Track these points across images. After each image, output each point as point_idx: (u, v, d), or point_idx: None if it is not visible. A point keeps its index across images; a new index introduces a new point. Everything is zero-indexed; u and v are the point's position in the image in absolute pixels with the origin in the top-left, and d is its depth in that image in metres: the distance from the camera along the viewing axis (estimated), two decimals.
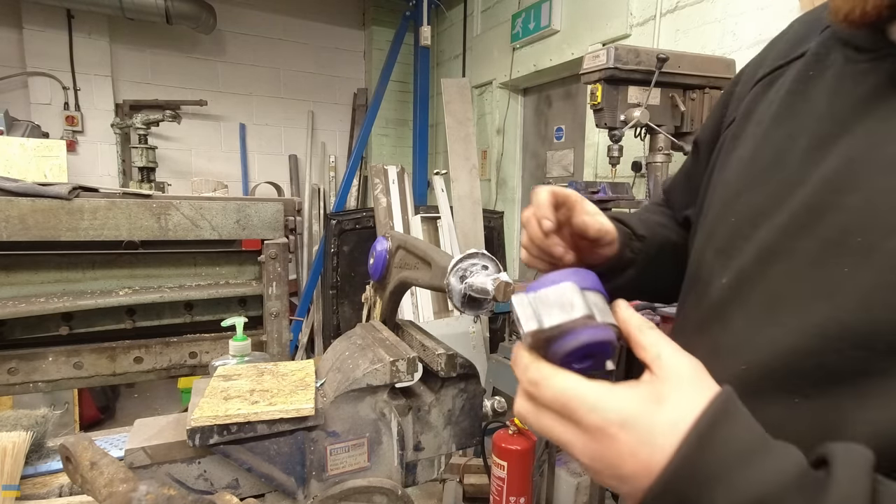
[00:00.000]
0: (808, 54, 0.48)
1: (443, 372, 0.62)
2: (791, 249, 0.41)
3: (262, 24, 4.26)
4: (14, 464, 0.73)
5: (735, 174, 0.51)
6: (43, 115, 3.54)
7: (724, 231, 0.49)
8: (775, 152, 0.46)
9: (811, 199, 0.40)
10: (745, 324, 0.37)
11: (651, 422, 0.33)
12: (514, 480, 2.02)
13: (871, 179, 0.37)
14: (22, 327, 1.20)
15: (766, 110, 0.50)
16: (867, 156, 0.38)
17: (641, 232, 0.63)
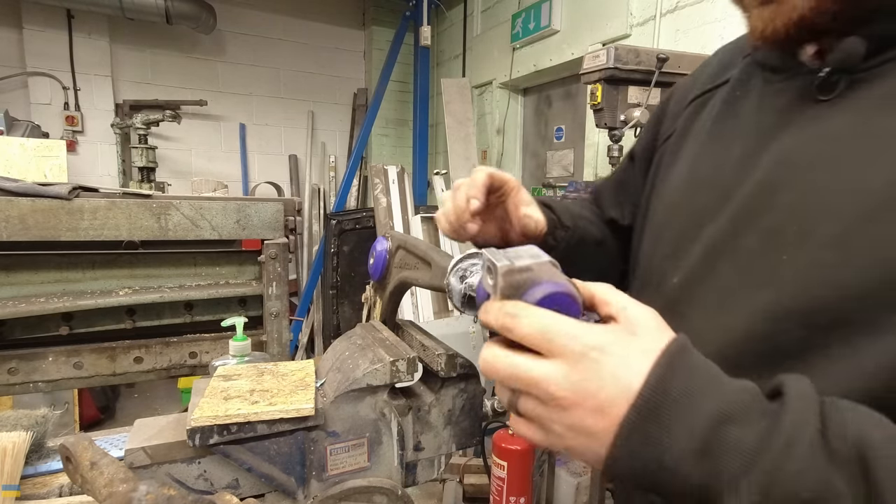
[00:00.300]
0: (733, 79, 0.56)
1: (443, 372, 0.62)
2: (735, 246, 0.46)
3: (262, 24, 4.26)
4: (14, 464, 0.73)
5: (677, 184, 0.57)
6: (43, 115, 3.54)
7: (671, 235, 0.55)
8: (713, 164, 0.53)
9: (749, 200, 0.46)
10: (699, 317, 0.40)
11: (627, 348, 0.35)
12: (514, 480, 2.02)
13: (798, 179, 0.43)
14: (22, 327, 1.20)
15: (702, 128, 0.57)
16: (792, 159, 0.44)
17: (567, 222, 0.67)
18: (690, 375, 0.34)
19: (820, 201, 0.41)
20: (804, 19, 0.42)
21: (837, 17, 0.41)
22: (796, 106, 0.46)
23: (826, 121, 0.44)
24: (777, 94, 0.48)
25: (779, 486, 0.29)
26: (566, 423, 0.35)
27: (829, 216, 0.40)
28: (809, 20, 0.42)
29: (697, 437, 0.32)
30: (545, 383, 0.35)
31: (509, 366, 0.37)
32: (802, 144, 0.44)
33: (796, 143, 0.45)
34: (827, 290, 0.39)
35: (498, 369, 0.37)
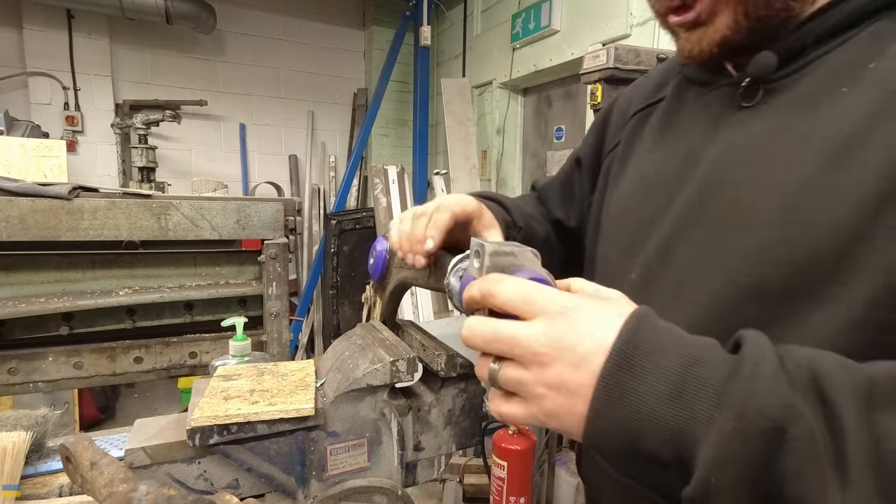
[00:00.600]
0: (668, 95, 0.63)
1: (443, 372, 0.62)
2: (686, 239, 0.52)
3: (262, 24, 4.26)
4: (14, 464, 0.73)
5: (627, 190, 0.63)
6: (43, 115, 3.54)
7: (625, 236, 0.60)
8: (659, 168, 0.59)
9: (694, 196, 0.52)
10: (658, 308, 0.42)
11: (600, 309, 0.38)
12: (514, 480, 2.02)
13: (734, 174, 0.50)
14: (22, 327, 1.20)
15: (646, 138, 0.64)
16: (728, 158, 0.51)
17: (520, 223, 0.73)
18: (657, 332, 0.37)
19: (755, 192, 0.47)
20: (725, 39, 0.50)
21: (751, 36, 0.49)
22: (725, 113, 0.53)
23: (751, 124, 0.51)
24: (708, 104, 0.56)
25: (751, 409, 0.31)
26: (547, 381, 0.37)
27: (764, 204, 0.46)
28: (729, 39, 0.50)
29: (670, 382, 0.34)
30: (526, 340, 0.37)
31: (492, 329, 0.39)
32: (734, 145, 0.51)
33: (729, 144, 0.52)
34: (771, 268, 0.44)
35: (482, 332, 0.39)
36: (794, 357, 0.34)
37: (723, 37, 0.50)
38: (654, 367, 0.35)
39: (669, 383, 0.34)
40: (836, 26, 0.47)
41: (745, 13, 0.48)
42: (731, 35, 0.50)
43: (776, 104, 0.49)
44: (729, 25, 0.49)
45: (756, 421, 0.31)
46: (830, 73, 0.47)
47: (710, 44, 0.51)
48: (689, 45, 0.52)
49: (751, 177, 0.48)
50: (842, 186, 0.42)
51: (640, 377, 0.35)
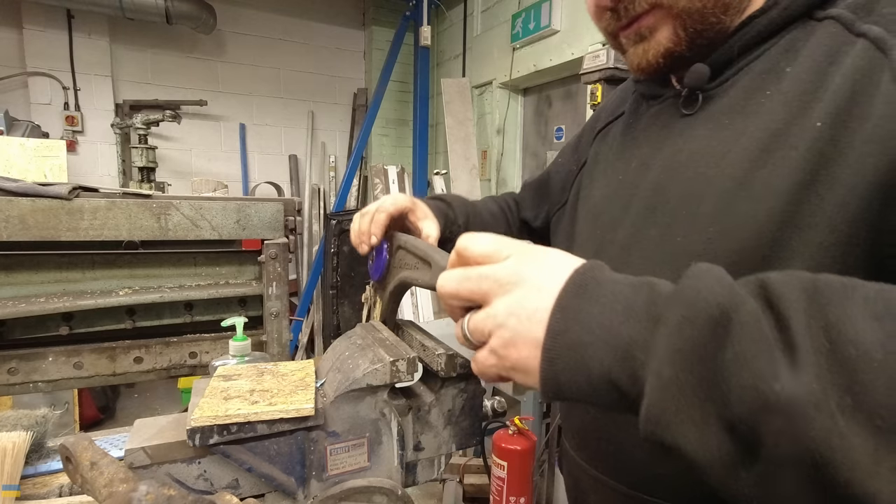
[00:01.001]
0: (627, 111, 0.70)
1: (443, 372, 0.62)
2: (641, 239, 0.57)
3: (262, 24, 4.26)
4: (14, 464, 0.73)
5: (594, 201, 0.69)
6: (43, 115, 3.53)
7: (592, 244, 0.66)
8: (619, 178, 0.65)
9: (647, 200, 0.58)
10: None
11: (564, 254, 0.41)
12: (514, 480, 2.02)
13: (679, 176, 0.55)
14: (22, 327, 1.20)
15: (608, 152, 0.71)
16: (673, 162, 0.57)
17: (461, 221, 0.83)
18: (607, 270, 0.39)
19: (698, 191, 0.52)
20: (668, 50, 0.55)
21: (692, 48, 0.54)
22: (671, 122, 0.59)
23: (692, 130, 0.56)
24: (657, 116, 0.62)
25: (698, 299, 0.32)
26: (509, 306, 0.38)
27: (706, 200, 0.51)
28: (672, 51, 0.55)
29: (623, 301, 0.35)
30: (493, 272, 0.40)
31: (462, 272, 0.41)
32: (679, 149, 0.57)
33: (674, 149, 0.57)
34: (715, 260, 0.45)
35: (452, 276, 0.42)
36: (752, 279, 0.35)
37: (665, 49, 0.55)
38: (610, 293, 0.36)
39: (622, 303, 0.35)
40: (755, 38, 0.53)
41: (683, 27, 0.54)
42: (673, 47, 0.55)
43: (712, 110, 0.55)
44: (670, 38, 0.55)
45: (703, 308, 0.32)
46: (756, 79, 0.52)
47: (655, 55, 0.56)
48: (637, 57, 0.58)
49: (692, 176, 0.53)
50: (768, 180, 0.47)
51: (595, 301, 0.36)
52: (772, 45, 0.52)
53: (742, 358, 0.30)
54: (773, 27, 0.52)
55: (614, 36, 0.60)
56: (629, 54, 0.60)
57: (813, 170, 0.45)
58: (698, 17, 0.53)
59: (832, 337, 0.29)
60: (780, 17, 0.51)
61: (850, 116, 0.44)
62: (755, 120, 0.50)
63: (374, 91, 4.16)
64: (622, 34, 0.59)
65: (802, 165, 0.45)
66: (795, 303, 0.31)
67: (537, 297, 0.37)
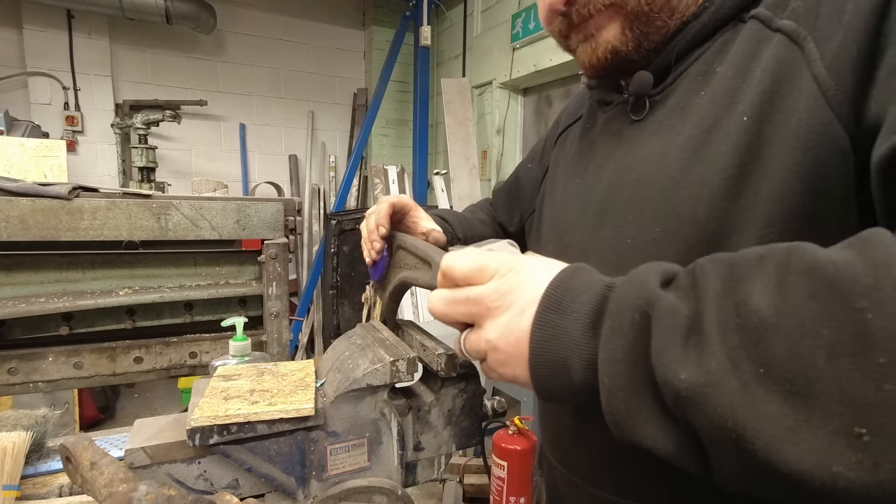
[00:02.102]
0: (583, 116, 0.72)
1: (443, 372, 0.62)
2: (597, 241, 0.59)
3: (262, 24, 4.26)
4: (14, 464, 0.73)
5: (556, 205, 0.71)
6: (43, 115, 3.53)
7: (554, 245, 0.68)
8: (575, 183, 0.67)
9: (600, 203, 0.60)
10: None
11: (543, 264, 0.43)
12: (514, 480, 2.02)
13: (628, 179, 0.57)
14: (22, 327, 1.20)
15: (567, 157, 0.72)
16: (623, 166, 0.58)
17: (460, 235, 0.85)
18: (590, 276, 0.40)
19: (643, 192, 0.54)
20: (615, 49, 0.57)
21: (639, 49, 0.56)
22: (622, 128, 0.61)
23: (639, 134, 0.58)
24: (609, 121, 0.64)
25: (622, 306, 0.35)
26: (498, 331, 0.41)
27: (650, 200, 0.53)
28: (618, 49, 0.57)
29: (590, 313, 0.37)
30: (479, 296, 0.42)
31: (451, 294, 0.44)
32: (627, 153, 0.58)
33: (625, 153, 0.59)
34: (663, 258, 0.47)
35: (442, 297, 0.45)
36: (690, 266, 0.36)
37: (613, 46, 0.57)
38: (579, 304, 0.38)
39: (587, 314, 0.37)
40: (690, 42, 0.54)
41: (630, 27, 0.55)
42: (620, 45, 0.56)
43: (658, 115, 0.57)
44: (616, 36, 0.56)
45: (627, 315, 0.34)
46: (692, 81, 0.54)
47: (603, 51, 0.58)
48: (586, 56, 0.60)
49: (637, 178, 0.55)
50: (703, 176, 0.49)
51: (567, 313, 0.38)
52: (707, 48, 0.54)
53: (657, 354, 0.32)
54: (706, 31, 0.54)
55: (565, 37, 0.62)
56: (579, 52, 0.61)
57: (743, 163, 0.46)
58: (645, 19, 0.55)
59: (740, 311, 0.30)
60: (712, 21, 0.53)
61: (774, 109, 0.45)
62: (690, 119, 0.52)
63: (374, 91, 4.16)
64: (572, 33, 0.61)
65: (733, 160, 0.46)
66: (711, 284, 0.33)
67: (520, 319, 0.40)
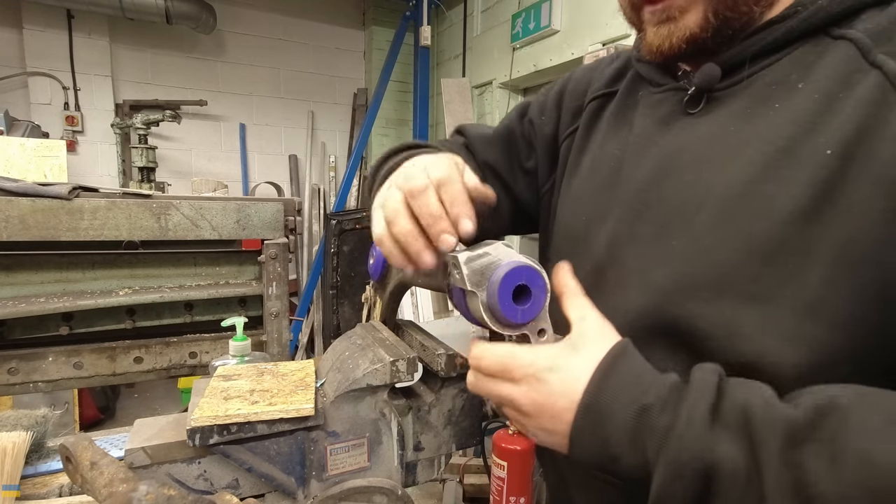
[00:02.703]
0: (621, 91, 0.66)
1: (443, 372, 0.62)
2: (633, 235, 0.56)
3: (262, 24, 4.26)
4: (14, 464, 0.73)
5: (582, 181, 0.66)
6: (43, 115, 3.53)
7: (577, 229, 0.64)
8: (609, 164, 0.62)
9: (640, 195, 0.56)
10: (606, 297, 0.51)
11: (570, 365, 0.46)
12: (515, 480, 2.02)
13: (677, 176, 0.53)
14: (22, 327, 1.20)
15: (600, 131, 0.66)
16: (671, 161, 0.54)
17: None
18: (619, 377, 0.44)
19: (695, 195, 0.51)
20: (694, 36, 0.52)
21: (716, 36, 0.52)
22: (671, 117, 0.57)
23: (694, 129, 0.54)
24: (656, 106, 0.59)
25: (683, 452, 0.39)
26: (535, 426, 0.47)
27: (705, 206, 0.50)
28: (697, 36, 0.52)
29: (627, 428, 0.42)
30: (513, 401, 0.47)
31: (486, 390, 0.49)
32: (678, 149, 0.54)
33: (673, 147, 0.55)
34: (707, 267, 0.49)
35: (479, 391, 0.50)
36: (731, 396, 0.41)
37: (692, 33, 0.52)
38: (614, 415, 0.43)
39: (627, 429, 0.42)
40: (770, 44, 0.51)
41: (715, 12, 0.51)
42: (700, 33, 0.52)
43: (718, 113, 0.53)
44: (698, 23, 0.52)
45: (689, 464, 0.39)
46: (765, 88, 0.51)
47: (679, 38, 0.53)
48: (659, 39, 0.54)
49: (692, 180, 0.52)
50: (771, 196, 0.46)
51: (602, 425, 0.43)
52: (784, 55, 0.51)
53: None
54: (790, 37, 0.50)
55: (637, 9, 0.57)
56: (649, 33, 0.56)
57: (818, 196, 0.44)
58: (732, 2, 0.51)
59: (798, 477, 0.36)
60: (799, 28, 0.50)
61: (859, 150, 0.43)
62: (763, 132, 0.49)
63: (374, 91, 4.16)
64: (648, 9, 0.55)
65: (807, 191, 0.44)
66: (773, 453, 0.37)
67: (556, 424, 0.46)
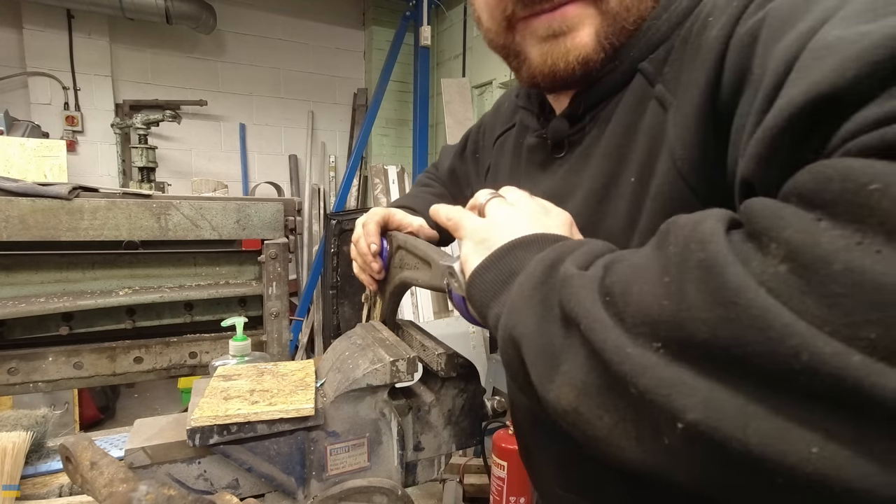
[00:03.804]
0: (517, 126, 0.71)
1: (443, 372, 0.62)
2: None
3: (262, 24, 4.26)
4: (14, 464, 0.73)
5: None
6: (43, 115, 3.53)
7: None
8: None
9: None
10: None
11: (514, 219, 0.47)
12: (515, 480, 2.02)
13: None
14: (22, 327, 1.20)
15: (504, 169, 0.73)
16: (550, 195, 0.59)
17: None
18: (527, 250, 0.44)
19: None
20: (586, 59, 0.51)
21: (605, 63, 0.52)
22: (546, 160, 0.63)
23: (555, 172, 0.61)
24: (533, 150, 0.65)
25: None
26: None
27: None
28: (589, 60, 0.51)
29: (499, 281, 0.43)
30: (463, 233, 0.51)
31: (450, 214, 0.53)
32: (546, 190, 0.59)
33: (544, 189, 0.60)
34: None
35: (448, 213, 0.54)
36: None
37: (586, 55, 0.50)
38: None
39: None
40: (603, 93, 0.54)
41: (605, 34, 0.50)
42: (593, 55, 0.50)
43: (571, 158, 0.59)
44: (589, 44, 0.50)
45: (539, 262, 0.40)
46: (599, 126, 0.55)
47: (576, 58, 0.50)
48: (552, 57, 0.51)
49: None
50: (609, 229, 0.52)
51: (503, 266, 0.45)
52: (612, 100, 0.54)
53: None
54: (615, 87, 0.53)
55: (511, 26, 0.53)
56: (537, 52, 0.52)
57: (633, 221, 0.50)
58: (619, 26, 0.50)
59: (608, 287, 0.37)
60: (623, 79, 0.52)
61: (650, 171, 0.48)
62: (589, 171, 0.55)
63: (374, 91, 4.16)
64: (535, 21, 0.51)
65: (626, 219, 0.50)
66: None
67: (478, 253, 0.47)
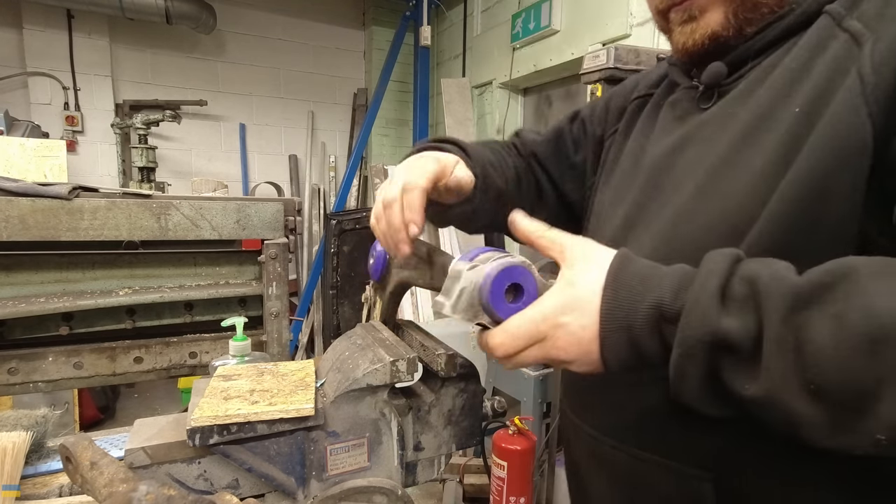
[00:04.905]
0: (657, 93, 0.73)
1: (443, 372, 0.62)
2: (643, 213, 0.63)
3: (262, 24, 4.26)
4: (14, 464, 0.73)
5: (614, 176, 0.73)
6: (43, 115, 3.53)
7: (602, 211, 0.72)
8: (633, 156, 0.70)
9: (651, 178, 0.64)
10: None
11: (576, 297, 0.47)
12: (514, 480, 2.02)
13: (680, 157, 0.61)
14: (22, 327, 1.20)
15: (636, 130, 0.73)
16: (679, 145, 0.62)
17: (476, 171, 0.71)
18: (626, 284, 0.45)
19: (691, 168, 0.58)
20: (715, 34, 0.58)
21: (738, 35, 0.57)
22: (687, 113, 0.64)
23: (701, 118, 0.61)
24: (675, 104, 0.67)
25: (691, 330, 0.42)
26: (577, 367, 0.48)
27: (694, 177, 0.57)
28: (718, 34, 0.58)
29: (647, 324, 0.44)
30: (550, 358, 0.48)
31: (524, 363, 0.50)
32: (686, 135, 0.61)
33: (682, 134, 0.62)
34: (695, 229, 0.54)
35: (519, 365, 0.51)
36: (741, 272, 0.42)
37: (713, 31, 0.58)
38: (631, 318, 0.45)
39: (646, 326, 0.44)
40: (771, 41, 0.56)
41: (735, 13, 0.56)
42: (721, 31, 0.57)
43: (723, 103, 0.59)
44: (719, 21, 0.57)
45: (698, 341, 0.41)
46: (761, 72, 0.56)
47: (702, 36, 0.58)
48: (683, 37, 0.60)
49: (692, 156, 0.59)
50: (749, 160, 0.52)
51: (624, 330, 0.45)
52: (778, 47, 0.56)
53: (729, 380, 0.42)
54: (789, 31, 0.55)
55: (664, 14, 0.62)
56: (675, 34, 0.62)
57: (786, 152, 0.49)
58: (752, 5, 0.55)
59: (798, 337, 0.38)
60: (796, 23, 0.55)
61: (824, 102, 0.48)
62: (748, 107, 0.55)
63: (374, 91, 4.16)
64: (673, 10, 0.61)
65: (777, 148, 0.50)
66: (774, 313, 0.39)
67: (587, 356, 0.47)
